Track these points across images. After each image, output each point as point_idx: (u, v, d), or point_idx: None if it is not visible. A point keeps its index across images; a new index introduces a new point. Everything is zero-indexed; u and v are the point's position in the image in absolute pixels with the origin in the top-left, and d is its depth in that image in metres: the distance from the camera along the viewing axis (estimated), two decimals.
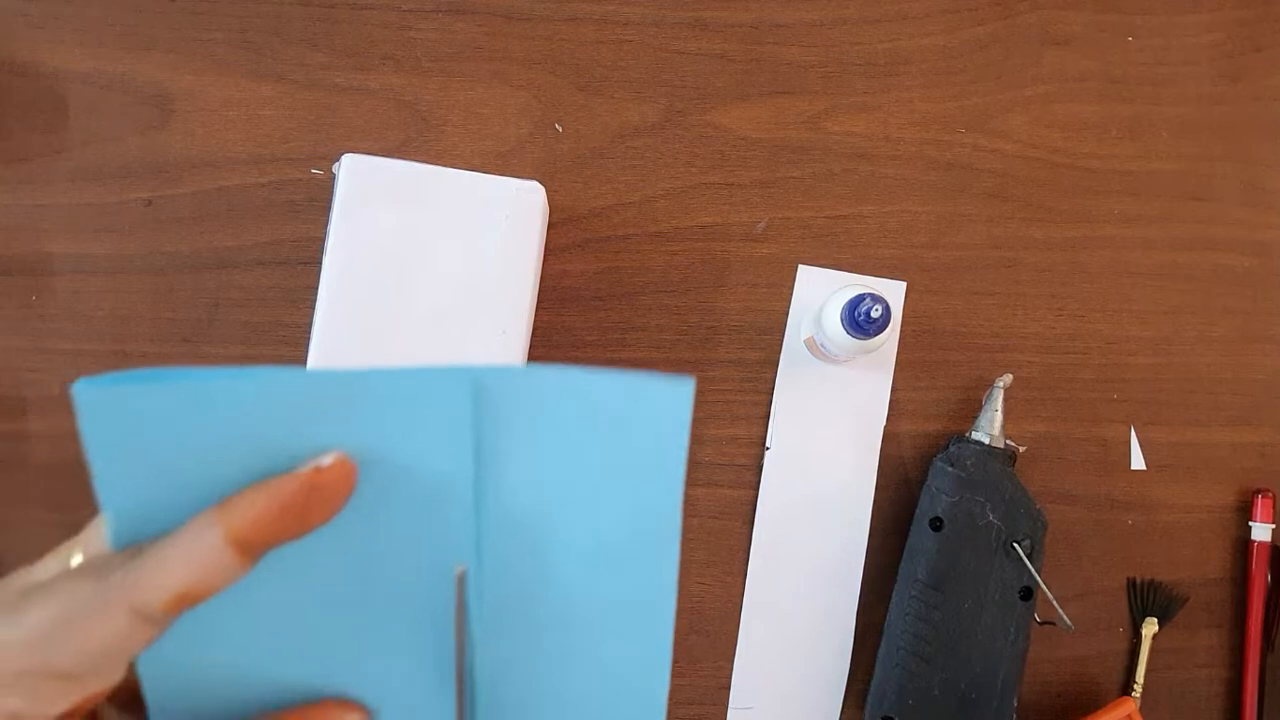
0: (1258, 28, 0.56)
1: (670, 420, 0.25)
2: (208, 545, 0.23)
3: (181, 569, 0.23)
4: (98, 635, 0.23)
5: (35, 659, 0.23)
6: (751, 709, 0.51)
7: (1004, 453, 0.49)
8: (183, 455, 0.24)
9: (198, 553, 0.23)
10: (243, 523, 0.23)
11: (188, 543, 0.23)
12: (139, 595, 0.23)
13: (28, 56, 0.49)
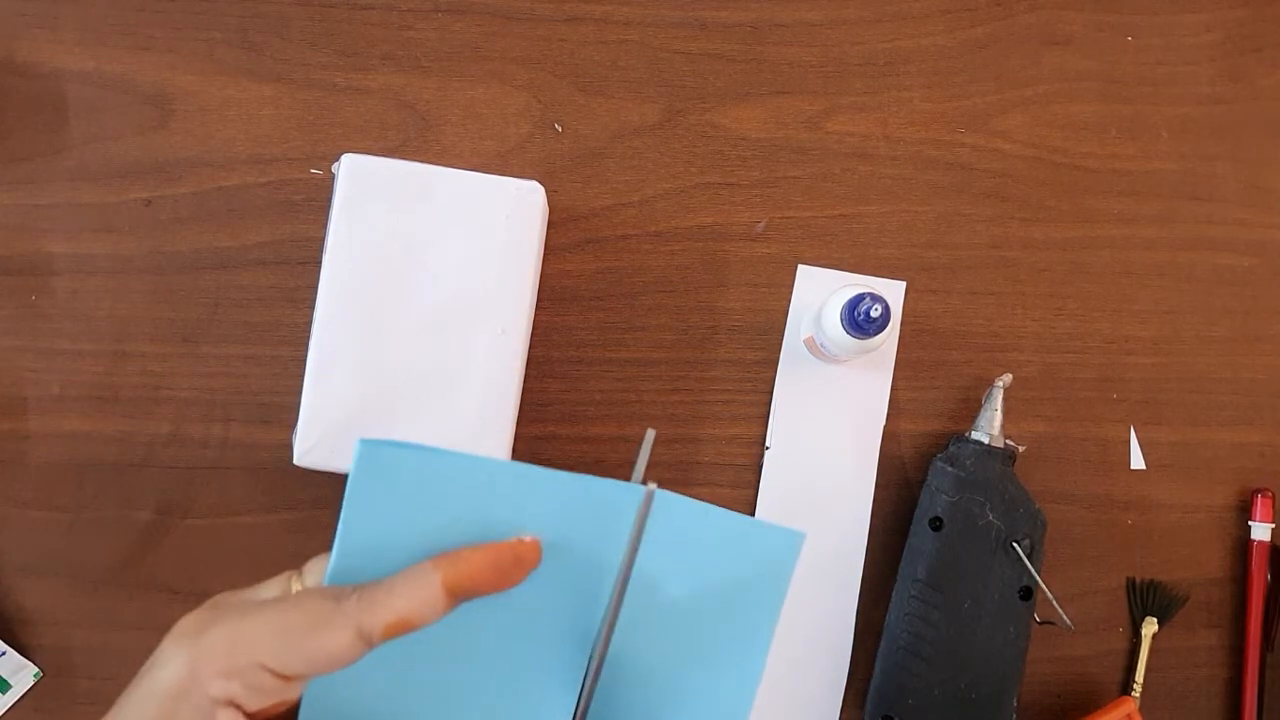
0: (1257, 27, 0.56)
1: (781, 561, 0.31)
2: (427, 585, 0.28)
3: (404, 602, 0.28)
4: (326, 645, 0.28)
5: (270, 654, 0.27)
6: (751, 708, 0.51)
7: (1004, 452, 0.49)
8: (413, 517, 0.30)
9: (419, 591, 0.28)
10: (459, 573, 0.28)
11: (412, 581, 0.28)
12: (367, 617, 0.28)
13: (28, 56, 0.49)
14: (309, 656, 0.28)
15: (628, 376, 0.51)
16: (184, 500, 0.49)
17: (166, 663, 0.28)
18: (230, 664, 0.28)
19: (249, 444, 0.49)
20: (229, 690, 0.28)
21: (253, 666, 0.28)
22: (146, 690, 0.28)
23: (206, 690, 0.28)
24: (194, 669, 0.28)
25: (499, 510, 0.30)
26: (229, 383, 0.49)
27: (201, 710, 0.28)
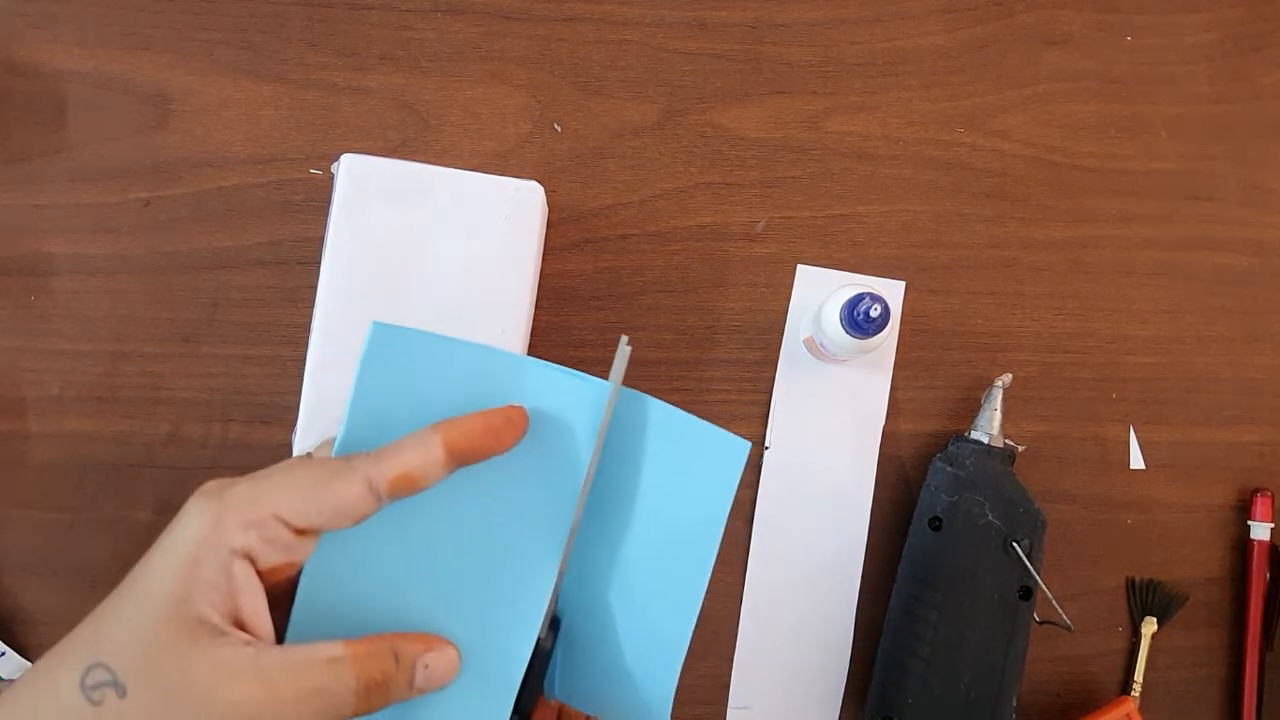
0: (1256, 27, 0.56)
1: (728, 467, 0.33)
2: (429, 444, 0.31)
3: (408, 457, 0.31)
4: (339, 496, 0.30)
5: (287, 506, 0.30)
6: (750, 708, 0.51)
7: (1003, 452, 0.49)
8: (416, 395, 0.33)
9: (422, 449, 0.31)
10: (457, 434, 0.31)
11: (416, 440, 0.31)
12: (375, 471, 0.30)
13: (27, 57, 0.49)
14: (323, 508, 0.30)
15: (627, 376, 0.51)
16: (183, 500, 0.49)
17: (193, 516, 0.30)
18: (251, 515, 0.30)
19: (249, 444, 0.49)
20: (247, 542, 0.30)
21: (271, 519, 0.30)
22: (174, 540, 0.30)
23: (229, 541, 0.29)
24: (219, 520, 0.30)
25: (495, 394, 0.33)
26: (229, 383, 0.49)
27: (221, 559, 0.29)
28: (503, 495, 0.33)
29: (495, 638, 0.33)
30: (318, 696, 0.29)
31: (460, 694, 0.33)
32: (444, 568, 0.33)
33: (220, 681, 0.29)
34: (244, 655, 0.29)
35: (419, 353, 0.33)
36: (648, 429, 0.34)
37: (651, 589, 0.35)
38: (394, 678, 0.31)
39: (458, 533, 0.33)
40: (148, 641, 0.29)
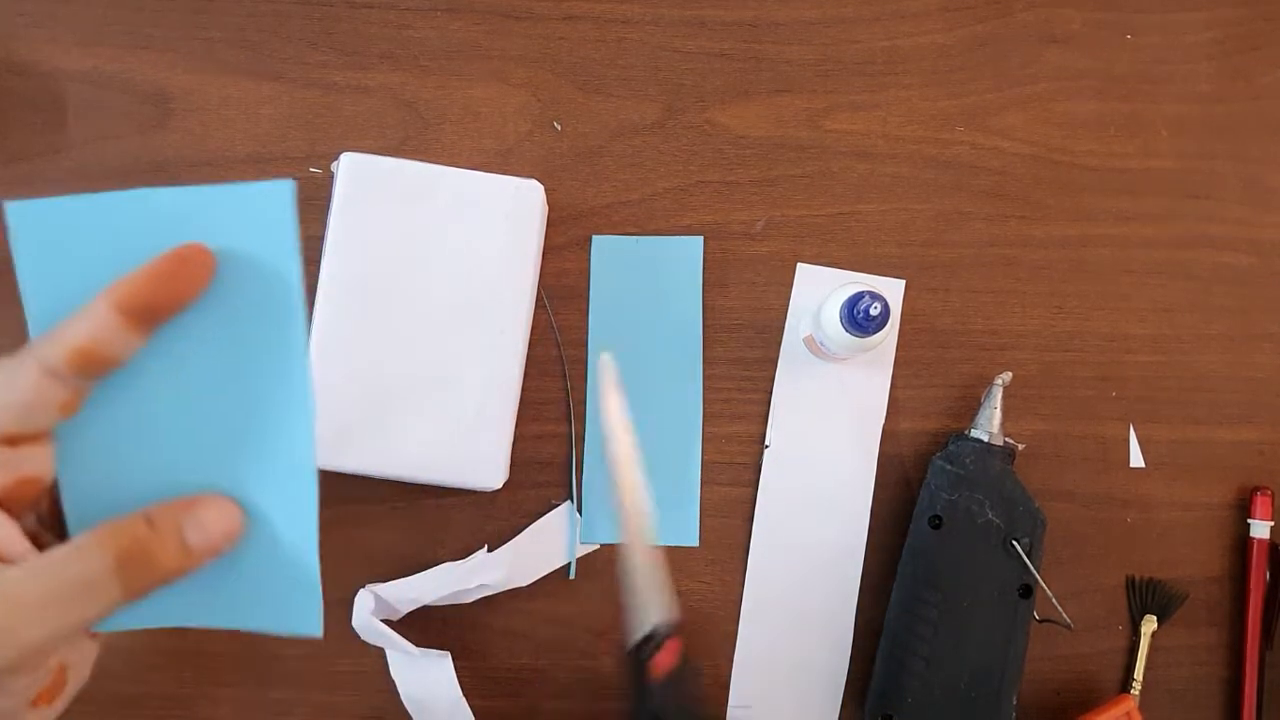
0: (1256, 26, 0.56)
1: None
2: (97, 311, 0.28)
3: (77, 329, 0.28)
4: (18, 390, 0.28)
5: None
6: (750, 707, 0.51)
7: (1003, 451, 0.49)
8: (85, 260, 0.30)
9: (89, 318, 0.28)
10: (123, 292, 0.28)
11: (84, 312, 0.28)
12: (44, 353, 0.28)
13: (27, 56, 0.49)
14: (9, 410, 0.28)
15: None
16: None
17: None
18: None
19: None
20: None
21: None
22: None
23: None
24: None
25: (168, 239, 0.30)
26: None
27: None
28: (224, 341, 0.31)
29: (279, 484, 0.31)
30: (70, 588, 0.27)
31: (263, 556, 0.32)
32: (197, 433, 0.31)
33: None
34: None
35: (70, 220, 0.30)
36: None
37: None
38: (154, 544, 0.29)
39: (196, 393, 0.31)
40: None
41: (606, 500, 0.50)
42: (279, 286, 0.31)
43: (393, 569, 0.49)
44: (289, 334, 0.31)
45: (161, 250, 0.29)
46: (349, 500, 0.50)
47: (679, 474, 0.50)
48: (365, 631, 0.46)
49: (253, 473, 0.31)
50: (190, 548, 0.30)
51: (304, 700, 0.49)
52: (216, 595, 0.33)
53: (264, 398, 0.31)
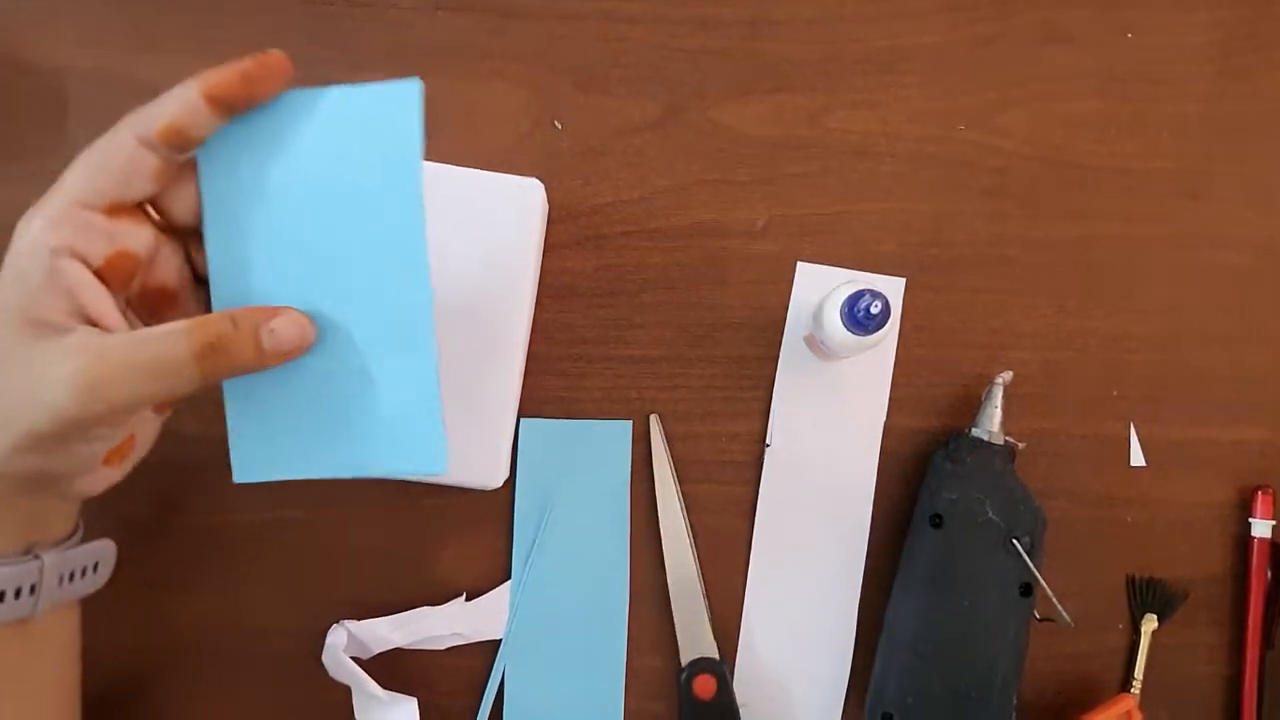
0: (1257, 26, 0.56)
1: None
2: (188, 94, 0.33)
3: (170, 107, 0.33)
4: (118, 158, 0.32)
5: (81, 190, 0.32)
6: (751, 706, 0.51)
7: (1004, 449, 0.49)
8: (252, 151, 0.35)
9: (181, 99, 0.33)
10: (213, 81, 0.33)
11: (176, 94, 0.33)
12: (143, 125, 0.33)
13: (29, 54, 0.49)
14: (110, 176, 0.33)
15: (628, 373, 0.51)
16: (183, 499, 0.49)
17: (15, 235, 0.32)
18: (54, 213, 0.32)
19: None
20: (62, 238, 0.32)
21: (73, 208, 0.32)
22: (4, 261, 0.32)
23: (45, 242, 0.31)
24: (27, 228, 0.32)
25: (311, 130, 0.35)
26: None
27: (43, 263, 0.31)
28: (353, 209, 0.36)
29: (399, 334, 0.36)
30: (154, 362, 0.32)
31: (386, 399, 0.36)
32: (325, 278, 0.36)
33: (58, 361, 0.31)
34: (83, 339, 0.32)
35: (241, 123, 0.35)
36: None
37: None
38: (233, 339, 0.33)
39: (328, 244, 0.36)
40: (4, 351, 0.31)
41: None
42: (404, 170, 0.35)
43: (392, 569, 0.50)
44: (409, 201, 0.35)
45: (307, 143, 0.35)
46: (348, 500, 0.50)
47: (602, 669, 0.50)
48: (334, 668, 0.46)
49: (376, 323, 0.36)
50: (264, 348, 0.34)
51: (304, 700, 0.49)
52: (346, 444, 0.37)
53: (385, 257, 0.36)
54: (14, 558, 0.36)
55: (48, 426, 0.31)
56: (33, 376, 0.31)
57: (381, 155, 0.35)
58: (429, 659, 0.49)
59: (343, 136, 0.35)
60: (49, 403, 0.31)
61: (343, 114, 0.35)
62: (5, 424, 0.32)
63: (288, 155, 0.35)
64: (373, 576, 0.50)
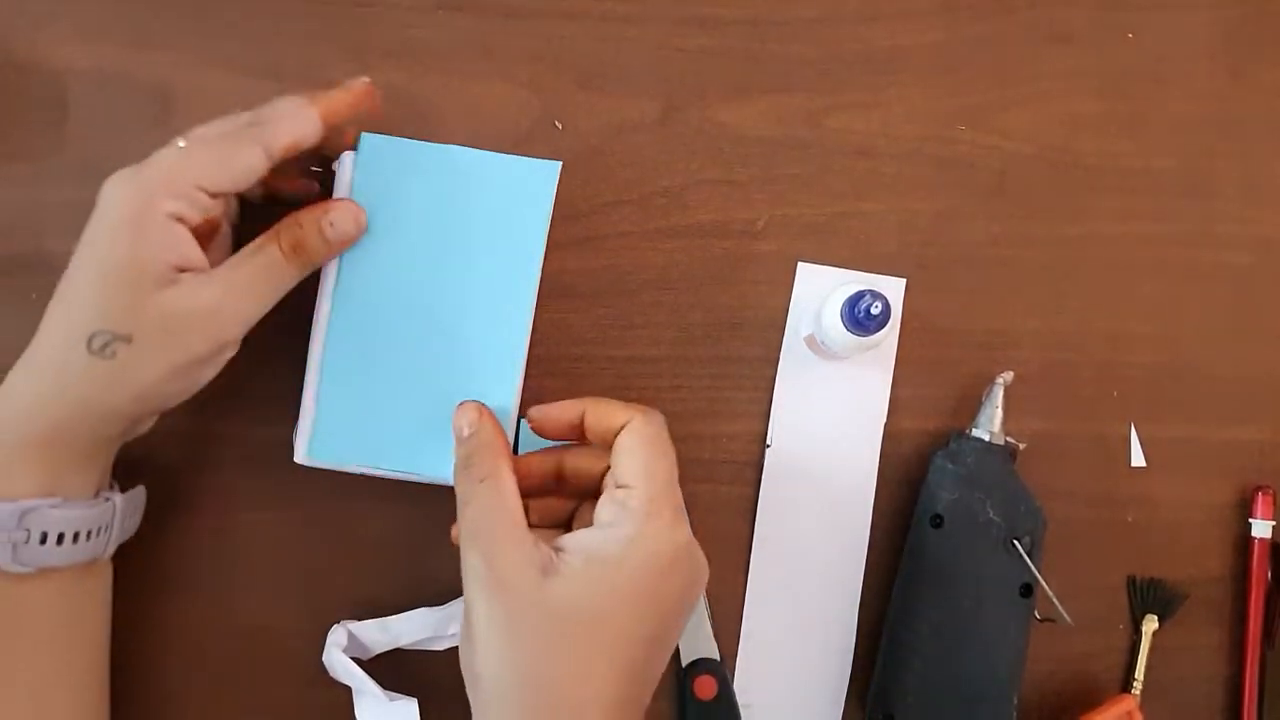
0: (1258, 25, 0.56)
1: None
2: (311, 116, 0.39)
3: (293, 127, 0.39)
4: (245, 164, 0.38)
5: (206, 177, 0.37)
6: (753, 706, 0.51)
7: (1004, 450, 0.49)
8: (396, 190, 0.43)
9: (301, 119, 0.39)
10: (328, 107, 0.40)
11: (295, 114, 0.40)
12: (270, 140, 0.38)
13: (28, 54, 0.49)
14: (234, 174, 0.38)
15: (628, 374, 0.51)
16: (183, 499, 0.49)
17: (115, 199, 0.37)
18: (177, 188, 0.37)
19: (249, 441, 0.49)
20: (178, 208, 0.37)
21: (193, 189, 0.37)
22: (106, 227, 0.37)
23: (165, 208, 0.36)
24: (149, 195, 0.37)
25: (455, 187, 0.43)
26: (228, 380, 0.49)
27: (161, 224, 0.37)
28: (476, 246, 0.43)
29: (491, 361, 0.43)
30: (260, 270, 0.39)
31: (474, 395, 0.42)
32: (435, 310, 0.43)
33: (189, 295, 0.37)
34: (199, 278, 0.38)
35: (394, 158, 0.43)
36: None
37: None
38: (306, 236, 0.40)
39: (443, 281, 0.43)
40: (128, 299, 0.36)
41: None
42: (530, 234, 0.43)
43: (392, 569, 0.50)
44: (529, 259, 0.43)
45: (450, 194, 0.43)
46: (348, 500, 0.50)
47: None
48: (335, 669, 0.46)
49: (474, 349, 0.43)
50: (328, 238, 0.41)
51: (304, 700, 0.49)
52: (422, 447, 0.43)
53: (495, 299, 0.43)
54: (94, 500, 0.40)
55: (196, 352, 0.38)
56: (175, 311, 0.37)
57: (513, 216, 0.43)
58: (430, 659, 0.49)
59: (482, 192, 0.43)
60: (193, 330, 0.37)
61: (486, 175, 0.43)
62: (148, 363, 0.37)
63: (432, 193, 0.43)
64: (373, 576, 0.49)
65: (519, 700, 0.35)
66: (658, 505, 0.36)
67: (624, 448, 0.38)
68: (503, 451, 0.39)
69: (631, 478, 0.37)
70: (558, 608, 0.35)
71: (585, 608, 0.35)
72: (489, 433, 0.40)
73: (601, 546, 0.36)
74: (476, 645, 0.36)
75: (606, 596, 0.35)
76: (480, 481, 0.38)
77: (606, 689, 0.35)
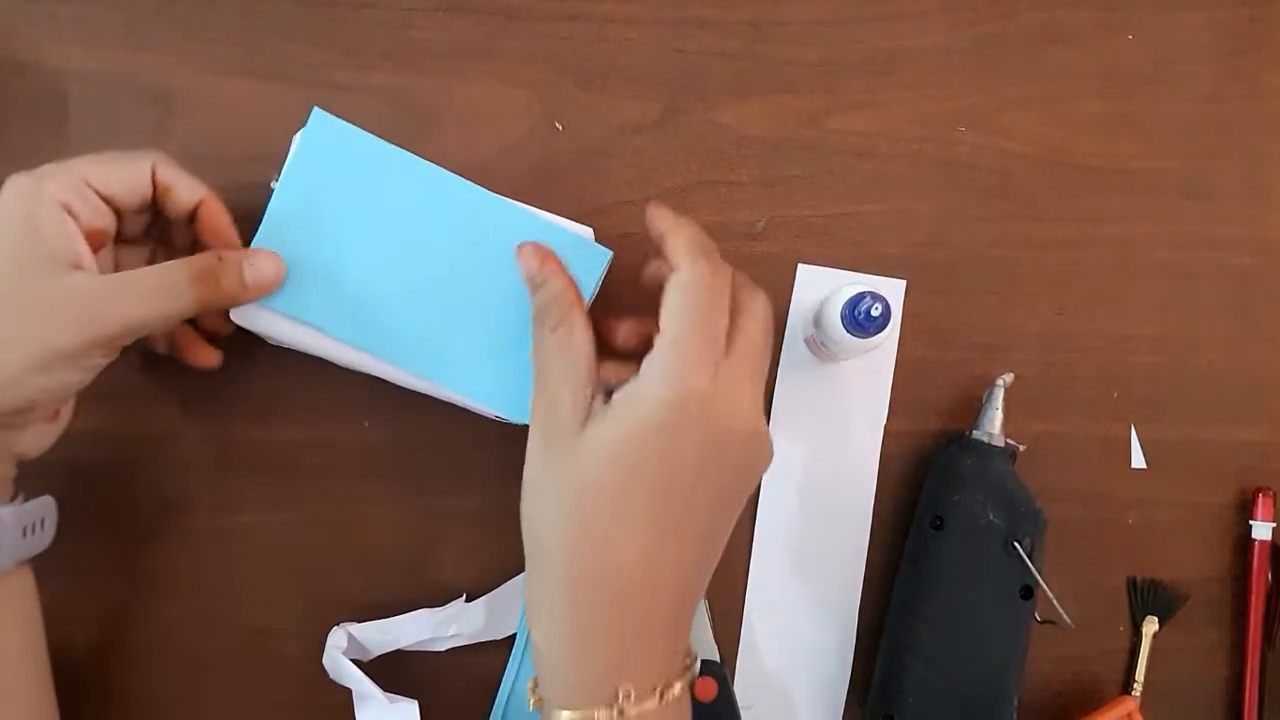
0: (1258, 26, 0.56)
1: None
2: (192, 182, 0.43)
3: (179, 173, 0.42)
4: (128, 169, 0.41)
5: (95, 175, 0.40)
6: (753, 707, 0.51)
7: (1005, 451, 0.49)
8: (341, 194, 0.42)
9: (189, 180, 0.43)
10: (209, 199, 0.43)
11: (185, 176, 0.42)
12: (155, 159, 0.42)
13: (29, 56, 0.49)
14: (122, 179, 0.40)
15: None
16: (184, 500, 0.49)
17: (13, 191, 0.37)
18: (67, 179, 0.38)
19: (250, 442, 0.49)
20: (68, 198, 0.38)
21: (82, 183, 0.38)
22: (4, 212, 0.37)
23: (56, 196, 0.37)
24: (39, 185, 0.37)
25: (478, 233, 0.43)
26: (229, 382, 0.49)
27: (54, 212, 0.37)
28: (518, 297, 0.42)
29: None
30: (156, 281, 0.38)
31: (492, 346, 0.43)
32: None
33: (69, 285, 0.37)
34: (93, 274, 0.38)
35: (356, 152, 0.42)
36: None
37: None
38: (220, 270, 0.39)
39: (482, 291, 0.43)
40: (17, 279, 0.36)
41: None
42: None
43: (392, 569, 0.50)
44: None
45: (500, 243, 0.43)
46: (348, 501, 0.50)
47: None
48: (335, 671, 0.46)
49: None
50: (246, 282, 0.40)
51: (304, 701, 0.49)
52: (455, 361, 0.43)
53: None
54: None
55: (70, 342, 0.37)
56: (55, 302, 0.36)
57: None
58: (430, 660, 0.49)
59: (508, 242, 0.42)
60: (73, 320, 0.37)
61: (536, 239, 0.42)
62: (20, 344, 0.36)
63: (488, 244, 0.43)
64: (373, 577, 0.50)
65: (561, 540, 0.36)
66: (681, 350, 0.36)
67: (666, 294, 0.37)
68: (574, 303, 0.39)
69: (663, 323, 0.37)
70: (594, 445, 0.36)
71: (613, 444, 0.36)
72: (560, 284, 0.40)
73: (631, 388, 0.36)
74: (526, 496, 0.38)
75: (629, 430, 0.36)
76: (552, 331, 0.38)
77: (638, 525, 0.36)
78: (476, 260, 0.43)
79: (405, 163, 0.42)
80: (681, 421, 0.36)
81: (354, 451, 0.49)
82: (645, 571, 0.36)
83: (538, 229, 0.43)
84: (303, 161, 0.42)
